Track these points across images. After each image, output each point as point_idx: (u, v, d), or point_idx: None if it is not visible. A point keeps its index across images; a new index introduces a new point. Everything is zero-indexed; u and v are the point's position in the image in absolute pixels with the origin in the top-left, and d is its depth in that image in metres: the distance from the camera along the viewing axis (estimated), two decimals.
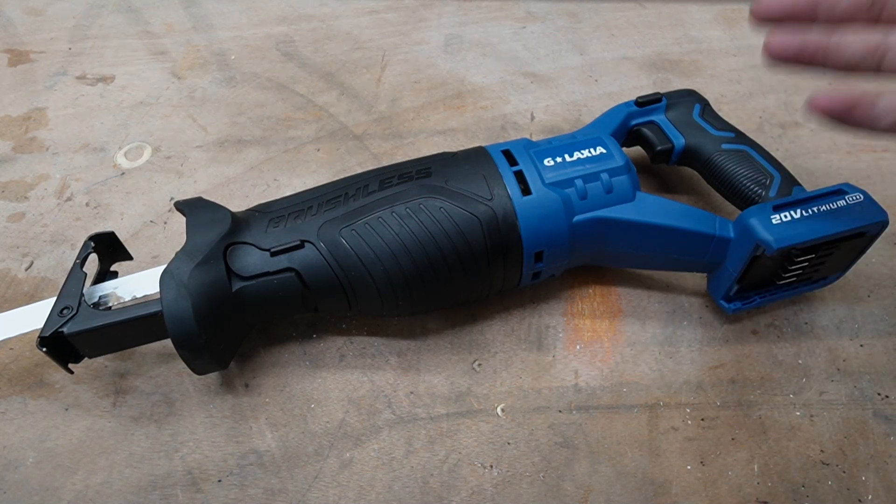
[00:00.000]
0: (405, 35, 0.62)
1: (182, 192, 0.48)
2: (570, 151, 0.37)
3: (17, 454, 0.35)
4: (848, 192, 0.34)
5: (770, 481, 0.34)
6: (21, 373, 0.38)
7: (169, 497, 0.33)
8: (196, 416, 0.36)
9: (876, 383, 0.37)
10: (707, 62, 0.58)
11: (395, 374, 0.38)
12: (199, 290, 0.32)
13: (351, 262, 0.34)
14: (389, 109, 0.54)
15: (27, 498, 0.33)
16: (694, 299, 0.41)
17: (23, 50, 0.61)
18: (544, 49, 0.60)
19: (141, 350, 0.39)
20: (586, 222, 0.36)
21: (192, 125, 0.53)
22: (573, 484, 0.34)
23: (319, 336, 0.40)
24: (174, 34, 0.63)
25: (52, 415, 0.36)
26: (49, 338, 0.32)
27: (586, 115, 0.54)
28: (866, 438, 0.35)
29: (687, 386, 0.37)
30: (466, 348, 0.39)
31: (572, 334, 0.40)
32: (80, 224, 0.46)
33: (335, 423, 0.36)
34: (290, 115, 0.54)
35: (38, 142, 0.52)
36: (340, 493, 0.33)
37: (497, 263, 0.35)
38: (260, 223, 0.35)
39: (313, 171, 0.49)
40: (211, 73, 0.58)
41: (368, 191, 0.35)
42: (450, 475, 0.34)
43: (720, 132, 0.42)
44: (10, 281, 0.43)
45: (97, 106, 0.55)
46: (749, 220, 0.34)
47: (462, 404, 0.37)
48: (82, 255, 0.35)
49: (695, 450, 0.35)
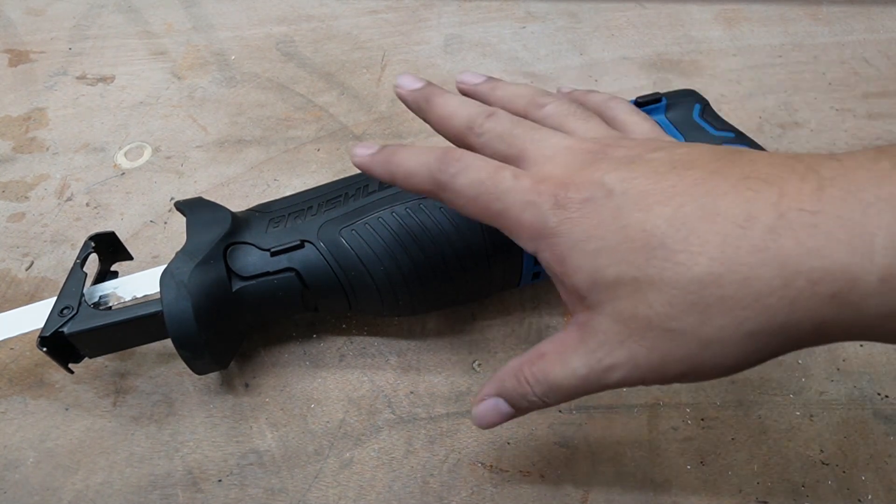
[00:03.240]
0: (405, 35, 0.62)
1: (182, 192, 0.48)
2: None
3: (17, 454, 0.35)
4: None
5: (770, 481, 0.34)
6: (21, 373, 0.38)
7: (169, 497, 0.33)
8: (196, 416, 0.36)
9: (876, 383, 0.37)
10: (707, 62, 0.58)
11: (395, 374, 0.38)
12: (199, 290, 0.32)
13: (351, 262, 0.34)
14: (389, 109, 0.54)
15: (27, 498, 0.33)
16: None
17: (23, 50, 0.61)
18: (544, 49, 0.60)
19: (141, 350, 0.39)
20: None
21: (192, 125, 0.53)
22: (573, 484, 0.34)
23: (319, 336, 0.40)
24: (174, 34, 0.63)
25: (53, 415, 0.36)
26: (49, 338, 0.32)
27: None
28: (866, 438, 0.35)
29: (687, 386, 0.37)
30: (466, 348, 0.39)
31: None
32: (80, 224, 0.46)
33: (335, 422, 0.36)
34: (290, 115, 0.54)
35: (38, 142, 0.52)
36: (340, 492, 0.33)
37: (497, 263, 0.35)
38: (260, 223, 0.35)
39: (313, 171, 0.49)
40: (211, 73, 0.58)
41: (368, 191, 0.35)
42: (450, 475, 0.34)
43: (720, 132, 0.42)
44: (10, 281, 0.43)
45: (97, 106, 0.55)
46: None
47: (462, 404, 0.37)
48: (82, 255, 0.35)
49: (695, 450, 0.35)
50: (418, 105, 0.30)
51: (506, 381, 0.26)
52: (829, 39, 0.61)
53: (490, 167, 0.25)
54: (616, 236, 0.22)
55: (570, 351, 0.24)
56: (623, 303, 0.22)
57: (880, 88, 0.56)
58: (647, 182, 0.22)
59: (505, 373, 0.26)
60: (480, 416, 0.27)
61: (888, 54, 0.59)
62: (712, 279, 0.20)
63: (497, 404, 0.26)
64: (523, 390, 0.25)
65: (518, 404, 0.26)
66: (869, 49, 0.60)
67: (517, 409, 0.26)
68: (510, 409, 0.26)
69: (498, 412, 0.26)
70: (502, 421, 0.27)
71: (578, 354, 0.23)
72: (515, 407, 0.26)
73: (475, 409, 0.27)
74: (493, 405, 0.26)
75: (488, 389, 0.27)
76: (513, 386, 0.25)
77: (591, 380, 0.23)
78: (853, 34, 0.62)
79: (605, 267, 0.22)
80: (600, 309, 0.23)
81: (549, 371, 0.24)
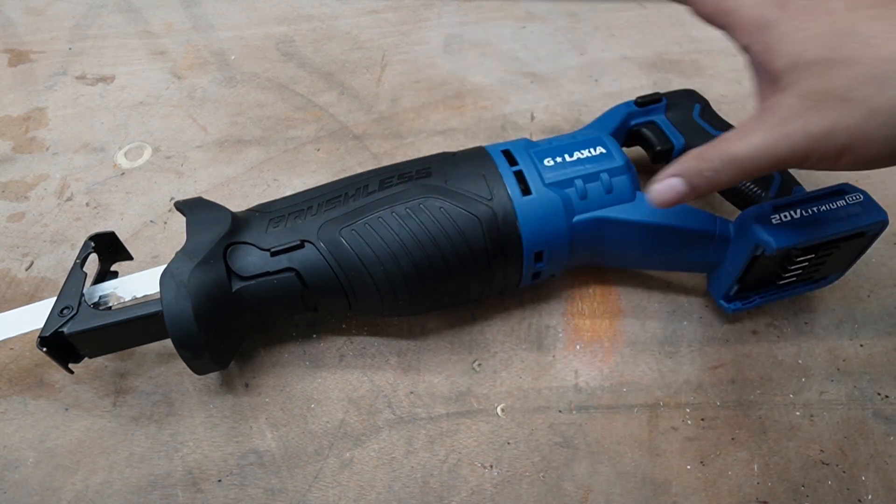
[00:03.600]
0: (405, 35, 0.62)
1: (182, 192, 0.48)
2: (570, 151, 0.37)
3: (17, 454, 0.35)
4: (848, 191, 0.34)
5: (770, 481, 0.34)
6: (21, 373, 0.38)
7: (169, 497, 0.33)
8: (196, 416, 0.36)
9: (876, 383, 0.37)
10: (707, 62, 0.58)
11: (395, 374, 0.38)
12: (199, 290, 0.32)
13: (351, 262, 0.34)
14: (389, 109, 0.54)
15: (27, 498, 0.33)
16: (694, 299, 0.41)
17: (23, 50, 0.61)
18: (544, 49, 0.60)
19: (141, 350, 0.39)
20: (586, 222, 0.36)
21: (192, 125, 0.53)
22: (573, 484, 0.34)
23: (319, 336, 0.40)
24: (174, 34, 0.63)
25: (53, 415, 0.36)
26: (49, 338, 0.32)
27: (586, 115, 0.54)
28: (866, 438, 0.35)
29: (687, 386, 0.37)
30: (466, 348, 0.39)
31: (572, 334, 0.40)
32: (80, 224, 0.46)
33: (335, 423, 0.36)
34: (290, 115, 0.54)
35: (38, 142, 0.52)
36: (340, 492, 0.33)
37: (497, 263, 0.35)
38: (260, 223, 0.35)
39: (313, 171, 0.49)
40: (211, 73, 0.58)
41: (368, 191, 0.35)
42: (450, 475, 0.34)
43: (720, 132, 0.42)
44: (10, 281, 0.43)
45: (97, 106, 0.55)
46: (749, 219, 0.34)
47: (462, 404, 0.37)
48: (82, 255, 0.35)
49: (695, 450, 0.35)
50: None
51: (686, 161, 0.29)
52: None
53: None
54: (823, 27, 0.26)
55: (752, 128, 0.27)
56: (812, 80, 0.26)
57: None
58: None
59: (687, 155, 0.29)
60: (657, 192, 0.30)
61: None
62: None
63: (673, 182, 0.29)
64: (701, 166, 0.28)
65: (693, 180, 0.29)
66: None
67: (691, 188, 0.29)
68: (685, 186, 0.29)
69: (673, 189, 0.29)
70: (676, 199, 0.30)
71: (759, 129, 0.27)
72: (690, 184, 0.29)
73: (652, 187, 0.30)
74: (669, 183, 0.29)
75: (668, 171, 0.30)
76: (692, 164, 0.29)
77: (768, 149, 0.26)
78: None
79: (806, 50, 0.26)
80: (790, 89, 0.26)
81: (729, 146, 0.27)
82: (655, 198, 0.30)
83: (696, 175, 0.29)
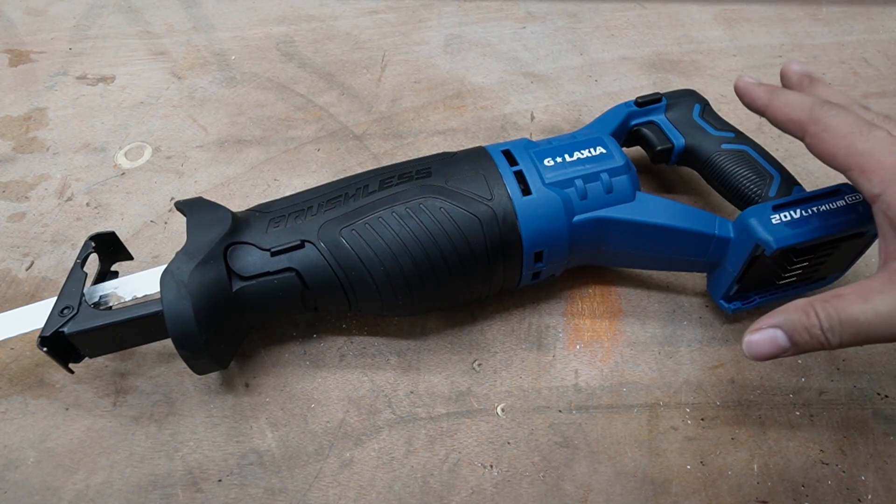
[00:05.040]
0: (405, 35, 0.62)
1: (182, 192, 0.48)
2: (570, 151, 0.37)
3: (17, 454, 0.35)
4: (847, 191, 0.34)
5: (770, 481, 0.34)
6: (21, 373, 0.38)
7: (169, 497, 0.33)
8: (196, 416, 0.36)
9: (875, 383, 0.37)
10: (707, 62, 0.58)
11: (395, 374, 0.38)
12: (199, 289, 0.32)
13: (351, 262, 0.34)
14: (389, 109, 0.54)
15: (28, 498, 0.33)
16: (694, 299, 0.41)
17: (23, 50, 0.61)
18: (544, 49, 0.60)
19: (141, 350, 0.39)
20: (586, 222, 0.36)
21: (193, 125, 0.53)
22: (573, 484, 0.34)
23: (319, 336, 0.40)
24: (174, 34, 0.63)
25: (53, 415, 0.36)
26: (49, 337, 0.32)
27: (586, 115, 0.54)
28: (866, 438, 0.35)
29: (687, 386, 0.37)
30: (466, 348, 0.39)
31: (572, 334, 0.40)
32: (80, 224, 0.46)
33: (335, 422, 0.36)
34: (290, 115, 0.54)
35: (39, 142, 0.52)
36: (340, 492, 0.33)
37: (497, 263, 0.35)
38: (260, 223, 0.35)
39: (313, 171, 0.49)
40: (211, 73, 0.58)
41: (368, 191, 0.35)
42: (450, 475, 0.34)
43: (720, 132, 0.42)
44: (10, 281, 0.43)
45: (97, 106, 0.55)
46: (749, 219, 0.34)
47: (462, 404, 0.37)
48: (83, 255, 0.35)
49: (695, 449, 0.35)
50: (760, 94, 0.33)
51: (790, 313, 0.27)
52: (829, 39, 0.61)
53: (860, 118, 0.28)
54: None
55: (876, 291, 0.24)
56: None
57: (880, 88, 0.56)
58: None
59: (790, 307, 0.27)
60: (755, 344, 0.27)
61: (888, 54, 0.59)
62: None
63: (775, 335, 0.27)
64: (810, 322, 0.26)
65: (798, 338, 0.26)
66: (868, 49, 0.60)
67: (794, 345, 0.26)
68: (788, 342, 0.27)
69: (774, 343, 0.27)
70: (776, 354, 0.27)
71: (885, 294, 0.24)
72: (794, 341, 0.26)
73: (750, 338, 0.27)
74: (770, 335, 0.27)
75: (768, 321, 0.27)
76: (798, 318, 0.26)
77: (893, 318, 0.24)
78: (853, 34, 0.62)
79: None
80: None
81: (846, 307, 0.25)
82: (753, 350, 0.27)
83: (803, 332, 0.26)
